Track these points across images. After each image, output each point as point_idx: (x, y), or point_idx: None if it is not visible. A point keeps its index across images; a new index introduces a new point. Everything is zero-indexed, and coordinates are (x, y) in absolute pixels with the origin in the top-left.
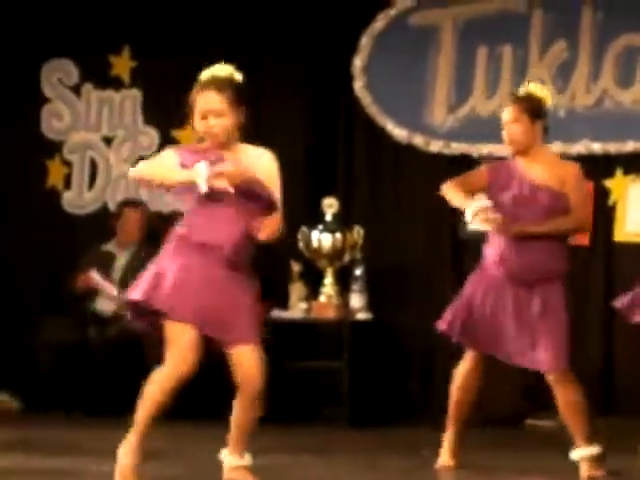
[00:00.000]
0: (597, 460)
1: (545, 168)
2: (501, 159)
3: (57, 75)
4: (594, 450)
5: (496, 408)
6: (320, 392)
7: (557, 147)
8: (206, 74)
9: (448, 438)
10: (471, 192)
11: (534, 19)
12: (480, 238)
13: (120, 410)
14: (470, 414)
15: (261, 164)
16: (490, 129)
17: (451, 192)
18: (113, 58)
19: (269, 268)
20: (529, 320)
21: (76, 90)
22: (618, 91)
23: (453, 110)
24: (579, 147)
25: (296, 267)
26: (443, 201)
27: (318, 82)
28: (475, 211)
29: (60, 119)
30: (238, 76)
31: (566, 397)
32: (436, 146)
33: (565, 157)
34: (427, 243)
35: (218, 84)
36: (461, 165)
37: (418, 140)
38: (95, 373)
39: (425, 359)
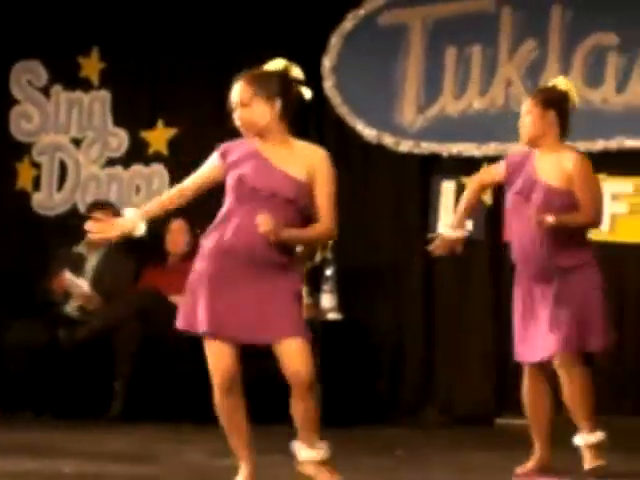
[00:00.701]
0: (600, 448)
1: (553, 162)
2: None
3: (26, 76)
4: (597, 437)
5: (466, 407)
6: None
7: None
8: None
9: (534, 449)
10: (489, 186)
11: (503, 18)
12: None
13: (90, 412)
14: (548, 427)
15: (319, 168)
16: (460, 129)
17: (464, 194)
18: (82, 59)
19: None
20: (544, 312)
21: (45, 91)
22: (587, 90)
23: (423, 110)
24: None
25: None
26: (413, 201)
27: None
28: (440, 235)
29: (29, 121)
30: (277, 68)
31: (570, 381)
32: (406, 146)
33: None
34: (397, 243)
35: (248, 75)
36: (431, 165)
37: (388, 140)
38: (65, 375)
39: (396, 359)
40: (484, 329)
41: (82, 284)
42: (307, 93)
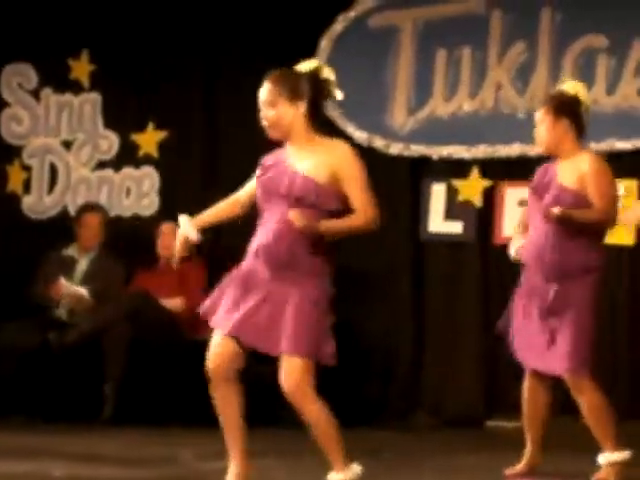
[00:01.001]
0: (620, 466)
1: (571, 165)
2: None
3: (16, 79)
4: (620, 456)
5: (456, 410)
6: (279, 395)
7: (517, 148)
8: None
9: (526, 451)
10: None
11: (493, 21)
12: (441, 240)
13: (81, 415)
14: (542, 428)
15: (341, 163)
16: (450, 131)
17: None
18: (72, 62)
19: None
20: (548, 320)
21: (35, 94)
22: None
23: (413, 112)
24: (539, 148)
25: None
26: (403, 203)
27: None
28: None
29: (19, 123)
30: (307, 68)
31: (583, 402)
32: (396, 148)
33: (525, 159)
34: (387, 246)
35: (275, 75)
36: (421, 167)
37: (378, 142)
38: (55, 378)
39: (386, 361)
40: (474, 332)
41: (80, 290)
42: (338, 94)
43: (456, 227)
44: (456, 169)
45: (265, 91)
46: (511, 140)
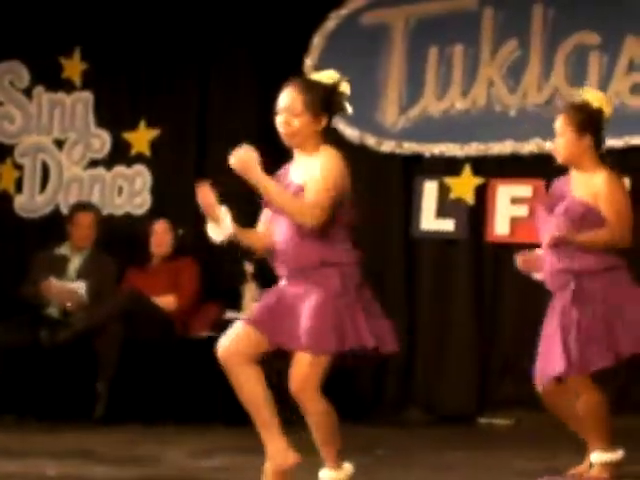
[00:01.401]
0: (612, 465)
1: (585, 180)
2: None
3: (8, 78)
4: (612, 456)
5: (449, 406)
6: (272, 392)
7: (509, 146)
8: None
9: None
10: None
11: (485, 18)
12: (433, 238)
13: (73, 414)
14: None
15: (319, 165)
16: (442, 129)
17: None
18: (64, 60)
19: (222, 269)
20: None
21: (27, 93)
22: (569, 90)
23: (405, 110)
24: (531, 146)
25: (250, 268)
26: (395, 201)
27: (270, 82)
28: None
29: (11, 122)
30: (328, 81)
31: (579, 403)
32: (388, 146)
33: (517, 156)
34: (379, 243)
35: (301, 84)
36: (413, 165)
37: (370, 140)
38: (47, 377)
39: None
40: (467, 329)
41: (74, 286)
42: (348, 109)
43: (448, 225)
44: (448, 167)
45: (289, 99)
46: (503, 138)
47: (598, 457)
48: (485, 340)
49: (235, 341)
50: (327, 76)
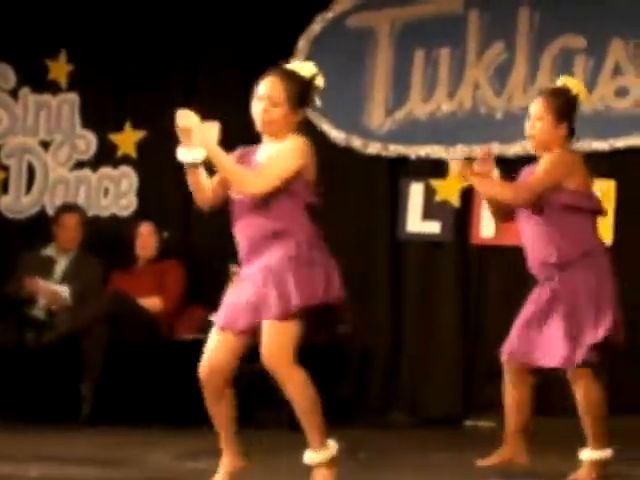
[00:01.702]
0: (602, 465)
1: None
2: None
3: None
4: (602, 454)
5: (434, 408)
6: (256, 396)
7: (495, 148)
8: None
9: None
10: None
11: (471, 21)
12: (419, 240)
13: (57, 416)
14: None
15: (280, 148)
16: (428, 131)
17: None
18: (50, 62)
19: (207, 270)
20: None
21: (13, 94)
22: None
23: (391, 112)
24: (516, 148)
25: (235, 269)
26: (382, 203)
27: (255, 85)
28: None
29: None
30: (307, 74)
31: (579, 396)
32: (374, 148)
33: (503, 158)
34: (365, 245)
35: (282, 74)
36: (399, 167)
37: (356, 142)
38: (32, 378)
39: (363, 359)
40: (452, 331)
41: (58, 288)
42: (318, 102)
43: (434, 227)
44: (434, 169)
45: (269, 87)
46: (489, 140)
47: (589, 455)
48: (470, 342)
49: (213, 359)
50: (306, 69)
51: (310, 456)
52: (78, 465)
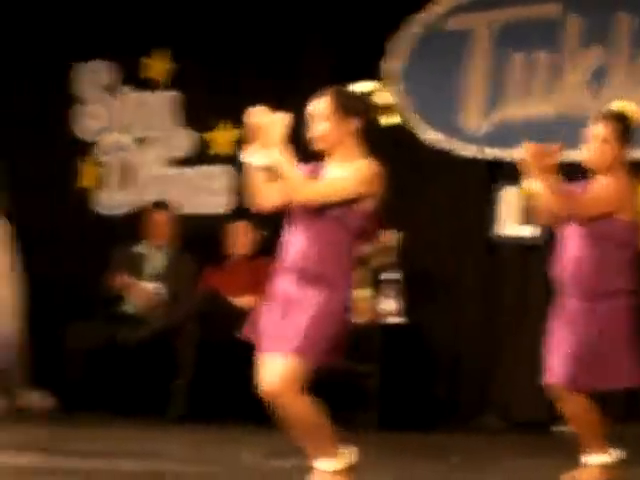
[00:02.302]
0: (609, 467)
1: None
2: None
3: (93, 77)
4: (608, 457)
5: (524, 413)
6: (349, 396)
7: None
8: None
9: None
10: None
11: (569, 25)
12: (513, 243)
13: (149, 412)
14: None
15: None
16: (524, 134)
17: None
18: (149, 60)
19: None
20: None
21: (111, 91)
22: None
23: (487, 115)
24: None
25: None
26: (476, 206)
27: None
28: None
29: (94, 120)
30: (363, 89)
31: (567, 410)
32: (470, 151)
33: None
34: (459, 247)
35: (332, 91)
36: (495, 170)
37: (453, 145)
38: (125, 375)
39: (454, 363)
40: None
41: (149, 287)
42: (384, 120)
43: (528, 230)
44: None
45: (319, 105)
46: (580, 144)
47: (595, 459)
48: None
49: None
50: (362, 85)
51: (322, 465)
52: (168, 461)
